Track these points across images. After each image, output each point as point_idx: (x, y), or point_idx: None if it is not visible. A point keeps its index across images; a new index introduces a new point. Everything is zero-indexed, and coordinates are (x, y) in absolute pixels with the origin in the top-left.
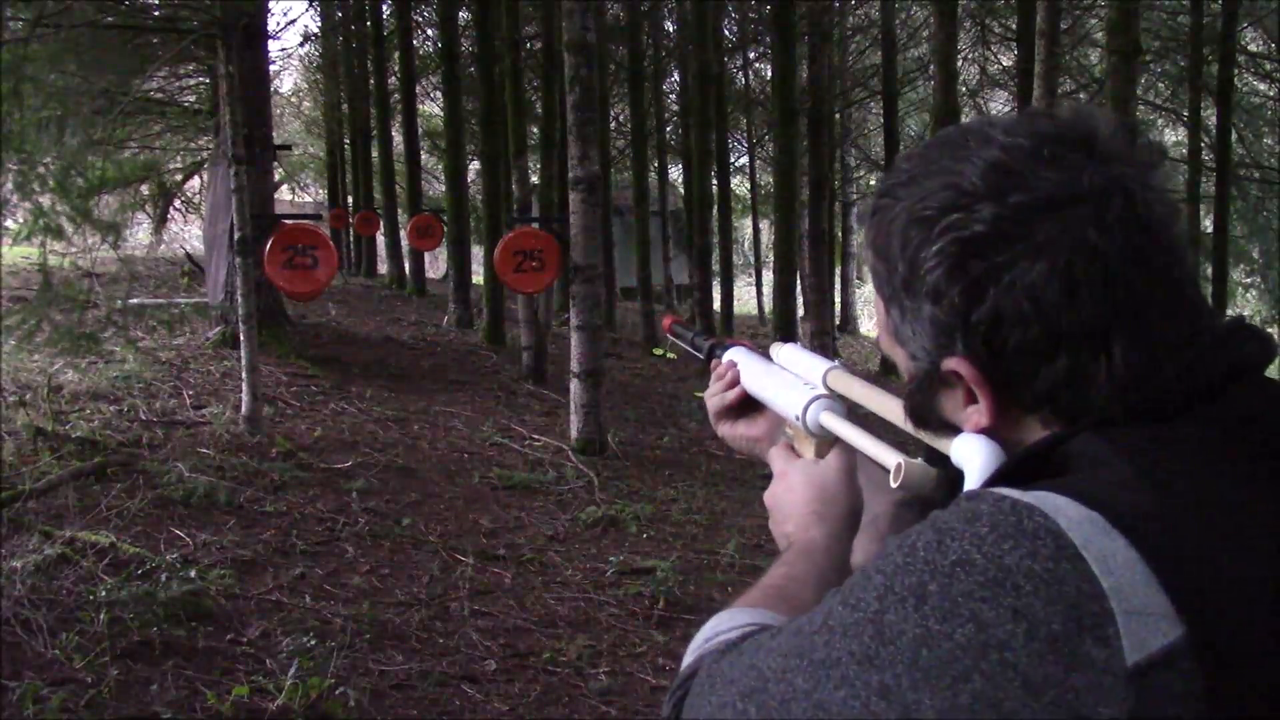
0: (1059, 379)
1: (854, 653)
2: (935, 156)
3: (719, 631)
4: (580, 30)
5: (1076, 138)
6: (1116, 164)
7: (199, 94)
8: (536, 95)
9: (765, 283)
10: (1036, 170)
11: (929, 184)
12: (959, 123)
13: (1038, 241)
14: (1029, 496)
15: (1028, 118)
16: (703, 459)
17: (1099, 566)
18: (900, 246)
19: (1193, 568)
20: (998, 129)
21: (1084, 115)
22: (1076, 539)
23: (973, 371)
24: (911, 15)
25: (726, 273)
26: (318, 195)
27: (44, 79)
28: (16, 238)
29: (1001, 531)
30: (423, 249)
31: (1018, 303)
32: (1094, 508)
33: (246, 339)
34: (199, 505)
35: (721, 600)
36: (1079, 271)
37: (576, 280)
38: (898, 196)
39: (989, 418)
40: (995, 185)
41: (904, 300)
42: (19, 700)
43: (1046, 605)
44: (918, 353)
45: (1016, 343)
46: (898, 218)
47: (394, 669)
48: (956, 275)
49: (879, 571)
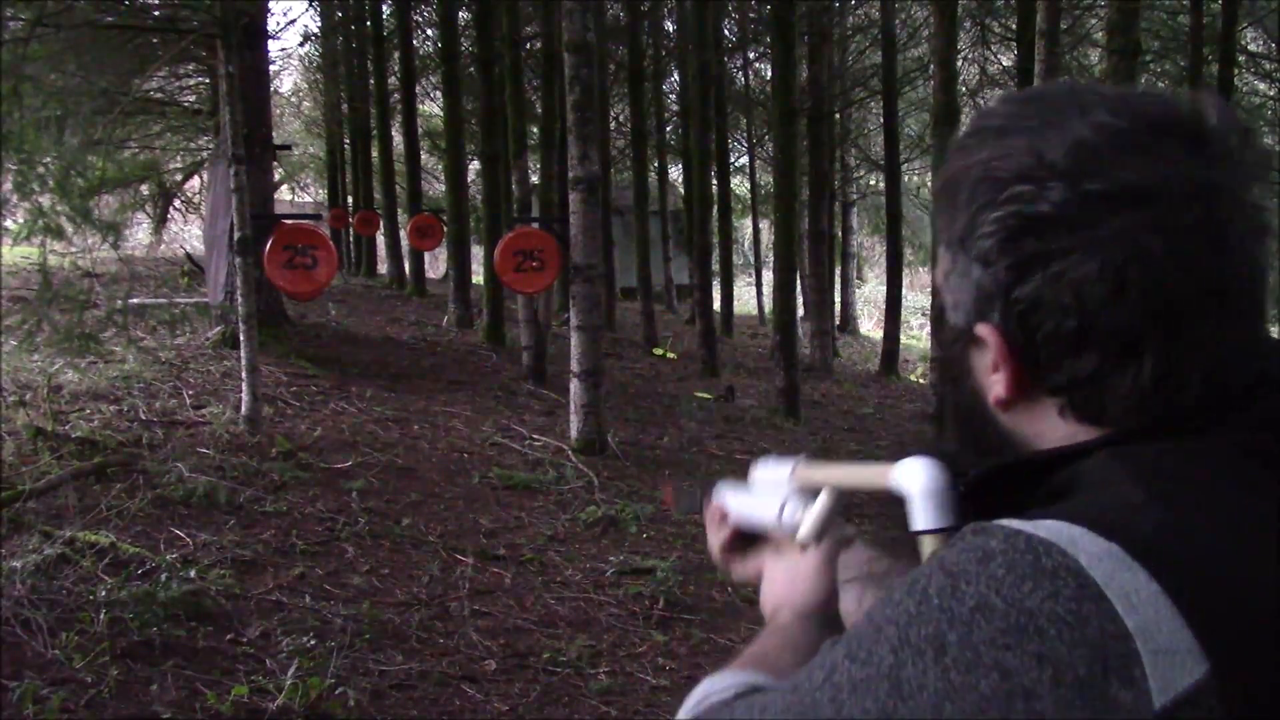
0: (1083, 375)
1: (869, 710)
2: (1032, 112)
3: (711, 693)
4: (580, 30)
5: (1182, 129)
6: (1214, 167)
7: (199, 94)
8: (536, 95)
9: (765, 283)
10: (1124, 158)
11: (1014, 141)
12: (1069, 81)
13: (1098, 236)
14: (1042, 529)
15: (1138, 97)
16: (703, 459)
17: (1122, 605)
18: (967, 198)
19: (1214, 598)
20: (1102, 104)
21: (1198, 106)
22: (1098, 576)
23: (1001, 344)
24: (911, 15)
25: (726, 273)
26: (318, 195)
27: (44, 79)
28: (16, 238)
29: (1019, 572)
30: (423, 249)
31: (1061, 293)
32: (1111, 537)
33: (246, 339)
34: (199, 505)
35: (722, 600)
36: (1131, 276)
37: (576, 280)
38: (984, 143)
39: (1007, 391)
40: (1076, 165)
41: (957, 253)
42: (19, 700)
43: (1071, 649)
44: (959, 306)
45: (1050, 330)
46: (974, 167)
47: (394, 669)
48: (1008, 249)
49: (889, 622)
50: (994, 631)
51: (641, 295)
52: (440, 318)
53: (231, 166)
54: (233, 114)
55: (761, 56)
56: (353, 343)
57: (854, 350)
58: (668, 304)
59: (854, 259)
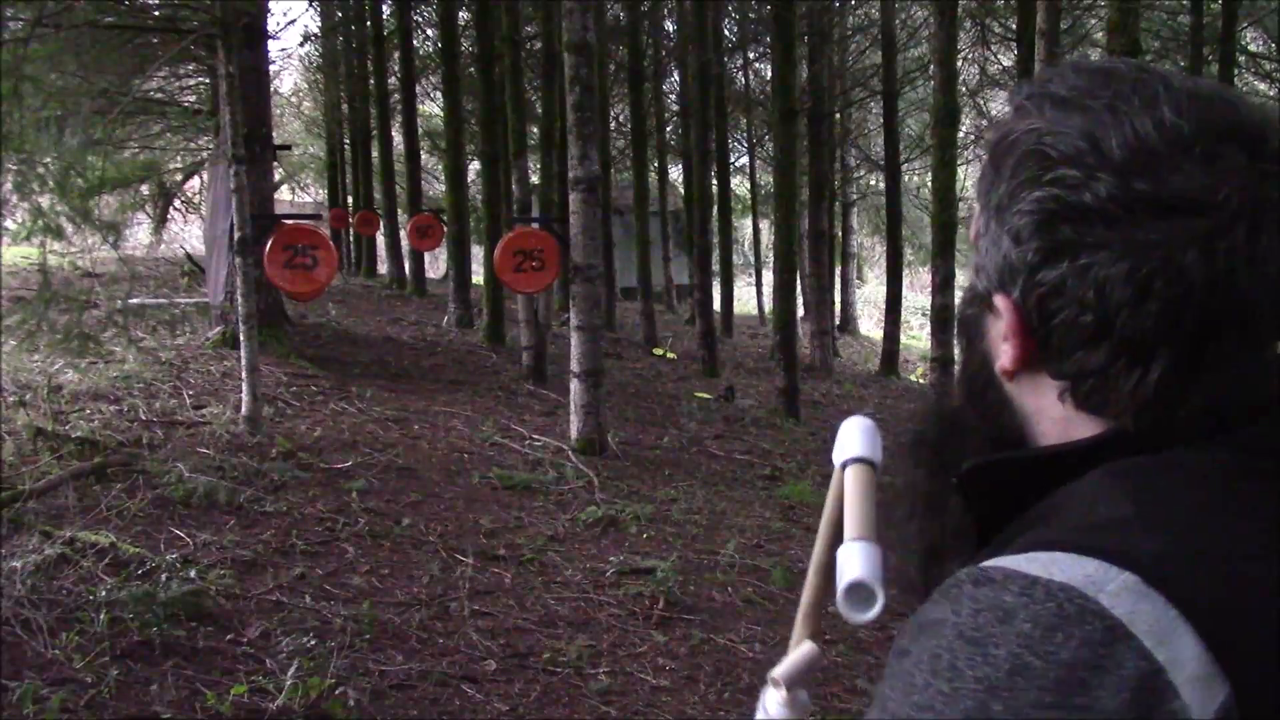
0: (1089, 368)
1: None
2: (1098, 90)
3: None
4: (580, 30)
5: (1244, 139)
6: (1271, 185)
7: (199, 94)
8: (536, 95)
9: (765, 283)
10: (1180, 163)
11: (1074, 120)
12: (1140, 62)
13: (1135, 239)
14: (1055, 570)
15: (1207, 98)
16: (703, 459)
17: (1150, 640)
18: (1013, 167)
19: (1227, 621)
20: (1169, 99)
21: (1265, 117)
22: (1122, 615)
23: (1015, 319)
24: (911, 15)
25: (726, 273)
26: (318, 195)
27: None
28: (16, 238)
29: (1046, 624)
30: (423, 249)
31: (1084, 287)
32: (1124, 567)
33: (246, 339)
34: (199, 505)
35: (722, 600)
36: (1158, 286)
37: (576, 280)
38: (1042, 111)
39: (1013, 364)
40: (1129, 161)
41: (993, 219)
42: (19, 700)
43: (1114, 695)
44: (982, 269)
45: (1067, 319)
46: (1027, 136)
47: (394, 669)
48: (1043, 232)
49: (923, 710)
50: (1037, 692)
51: (641, 295)
52: (440, 318)
53: (231, 166)
54: (233, 114)
55: (761, 56)
56: (353, 343)
57: (854, 350)
58: (668, 304)
59: (854, 259)
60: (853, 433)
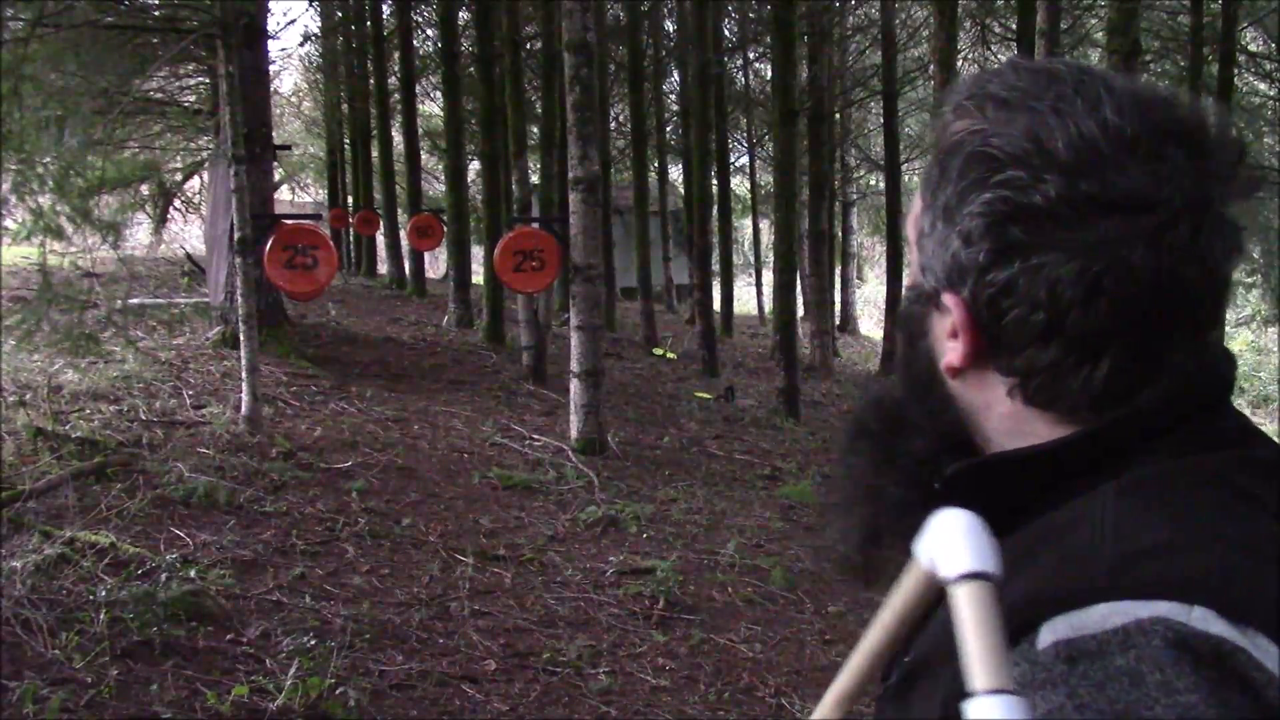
0: (1039, 365)
1: None
2: (1041, 92)
3: None
4: (580, 30)
5: (1185, 138)
6: (1210, 181)
7: (199, 94)
8: (536, 95)
9: (765, 282)
10: (1125, 163)
11: (1019, 120)
12: (1080, 63)
13: (1083, 239)
14: (1134, 612)
15: (1146, 99)
16: (703, 459)
17: (1258, 654)
18: (959, 170)
19: None
20: (1111, 103)
21: (1202, 115)
22: (1220, 633)
23: (965, 317)
24: (911, 15)
25: (726, 273)
26: (318, 195)
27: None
28: (16, 238)
29: (1171, 663)
30: (423, 249)
31: (1035, 286)
32: (1208, 605)
33: (246, 339)
34: (199, 505)
35: (722, 600)
36: (1107, 284)
37: (576, 280)
38: (984, 112)
39: (962, 361)
40: (1075, 162)
41: (939, 219)
42: (19, 700)
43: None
44: (928, 268)
45: (1017, 318)
46: (973, 137)
47: (394, 669)
48: (993, 233)
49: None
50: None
51: (641, 295)
52: (440, 318)
53: (231, 166)
54: (233, 114)
55: (761, 56)
56: (353, 343)
57: (854, 350)
58: (668, 304)
59: (854, 259)
60: (958, 534)
